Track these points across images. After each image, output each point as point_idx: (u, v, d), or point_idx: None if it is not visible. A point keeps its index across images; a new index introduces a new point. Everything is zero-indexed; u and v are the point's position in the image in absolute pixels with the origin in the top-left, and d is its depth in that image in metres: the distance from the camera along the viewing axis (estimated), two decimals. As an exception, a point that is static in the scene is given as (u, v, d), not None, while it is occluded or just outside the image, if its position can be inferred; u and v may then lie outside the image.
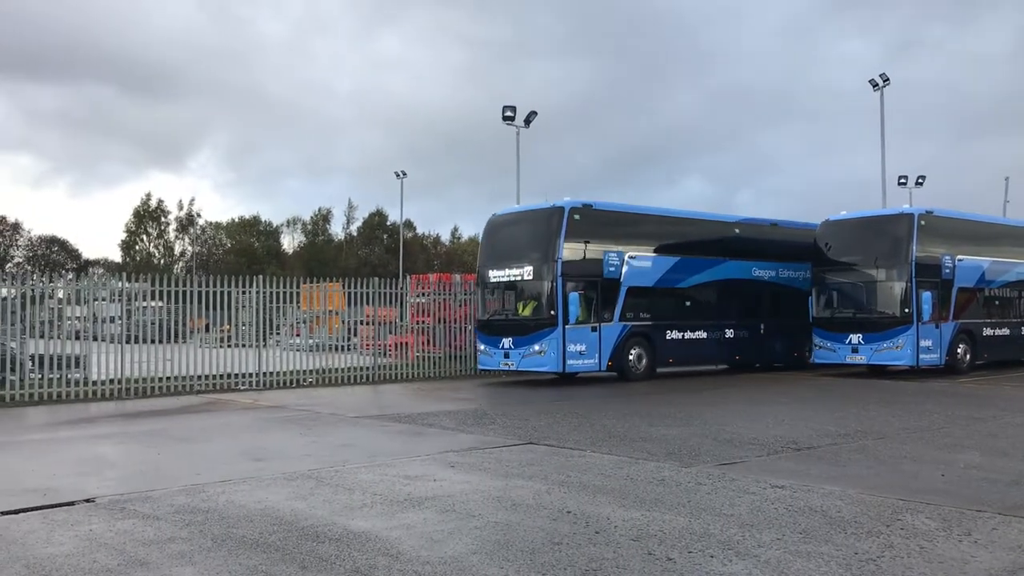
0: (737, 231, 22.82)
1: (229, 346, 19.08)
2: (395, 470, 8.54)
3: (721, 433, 11.05)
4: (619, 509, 6.74)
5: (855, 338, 20.59)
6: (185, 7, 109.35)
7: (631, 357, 19.74)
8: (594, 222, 19.57)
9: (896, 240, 20.61)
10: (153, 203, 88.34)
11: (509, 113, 37.06)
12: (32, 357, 16.76)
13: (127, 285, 18.41)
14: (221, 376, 18.54)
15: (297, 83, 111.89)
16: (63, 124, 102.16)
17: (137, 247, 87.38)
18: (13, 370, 16.35)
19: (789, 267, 23.42)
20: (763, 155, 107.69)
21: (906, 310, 20.04)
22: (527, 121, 37.82)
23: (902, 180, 46.75)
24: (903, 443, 10.28)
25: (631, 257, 19.86)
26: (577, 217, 19.00)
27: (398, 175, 60.73)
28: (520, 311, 19.45)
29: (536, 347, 18.65)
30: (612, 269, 19.45)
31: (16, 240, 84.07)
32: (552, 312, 18.48)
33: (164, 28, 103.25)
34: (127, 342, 17.52)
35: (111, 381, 17.05)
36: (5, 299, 16.57)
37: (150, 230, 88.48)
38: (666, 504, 6.92)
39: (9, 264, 75.78)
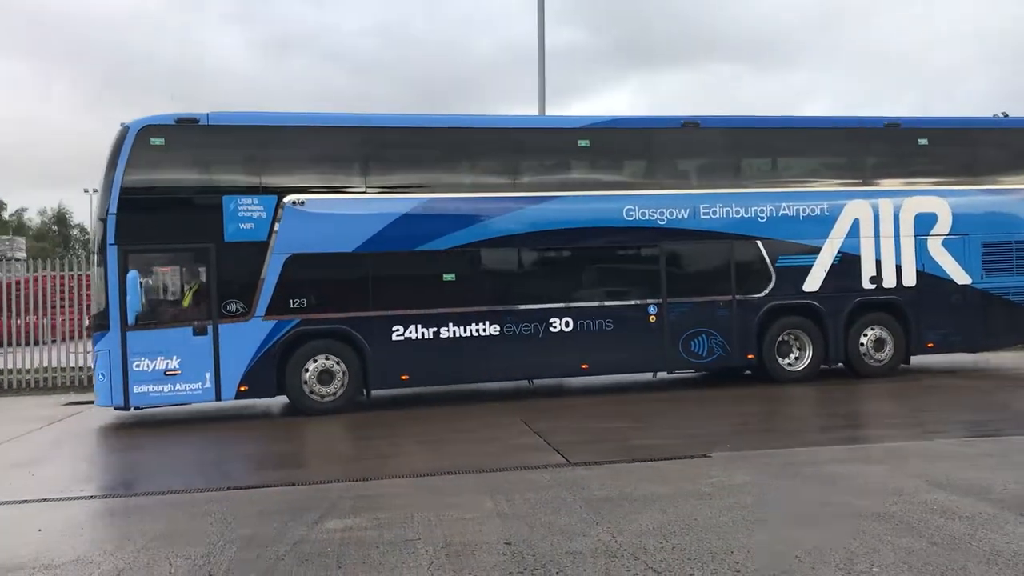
0: (583, 144, 12.95)
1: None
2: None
3: None
4: None
5: None
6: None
7: (307, 375, 11.70)
8: (205, 148, 11.79)
9: None
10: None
11: None
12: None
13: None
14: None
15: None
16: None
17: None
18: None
19: (716, 199, 12.99)
20: None
21: None
22: None
23: None
24: None
25: (297, 204, 11.57)
26: (158, 141, 11.27)
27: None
28: None
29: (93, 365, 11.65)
30: (247, 227, 11.42)
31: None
32: (102, 306, 11.18)
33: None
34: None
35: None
36: None
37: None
38: None
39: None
